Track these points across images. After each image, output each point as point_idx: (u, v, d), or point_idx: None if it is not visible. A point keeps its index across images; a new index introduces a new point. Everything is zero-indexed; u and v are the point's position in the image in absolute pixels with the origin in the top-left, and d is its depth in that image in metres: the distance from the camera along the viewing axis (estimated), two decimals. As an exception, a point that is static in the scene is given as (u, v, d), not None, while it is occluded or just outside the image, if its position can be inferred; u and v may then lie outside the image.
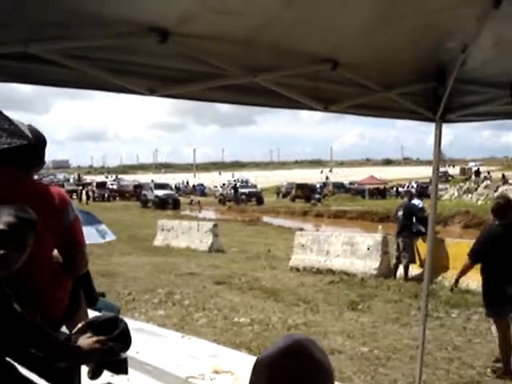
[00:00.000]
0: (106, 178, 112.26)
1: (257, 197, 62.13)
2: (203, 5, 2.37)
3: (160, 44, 2.47)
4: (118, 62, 2.63)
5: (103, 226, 11.20)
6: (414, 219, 13.67)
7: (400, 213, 13.91)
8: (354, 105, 3.53)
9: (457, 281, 7.56)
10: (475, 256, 7.11)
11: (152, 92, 2.71)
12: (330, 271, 14.52)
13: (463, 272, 7.44)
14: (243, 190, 64.49)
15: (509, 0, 2.57)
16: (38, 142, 2.92)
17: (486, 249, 6.95)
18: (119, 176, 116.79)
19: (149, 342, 5.32)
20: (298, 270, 15.32)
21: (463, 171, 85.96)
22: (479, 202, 45.62)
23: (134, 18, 2.42)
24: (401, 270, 13.56)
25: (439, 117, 3.82)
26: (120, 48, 2.61)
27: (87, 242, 3.28)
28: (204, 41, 2.57)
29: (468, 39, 2.99)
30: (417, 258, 13.44)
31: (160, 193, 56.35)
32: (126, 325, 2.63)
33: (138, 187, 76.32)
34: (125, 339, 2.63)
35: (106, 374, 2.83)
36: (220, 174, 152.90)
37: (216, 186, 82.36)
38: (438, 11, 2.66)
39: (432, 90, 3.71)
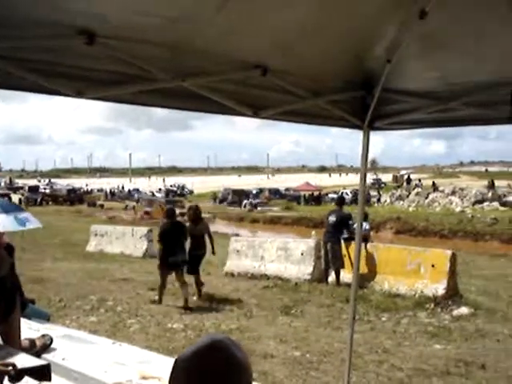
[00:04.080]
0: (39, 181, 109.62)
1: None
2: (130, 8, 2.36)
3: (87, 46, 2.44)
4: (44, 63, 2.58)
5: (25, 214, 10.86)
6: (346, 227, 13.90)
7: (332, 218, 14.12)
8: (284, 111, 3.56)
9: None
10: (160, 242, 11.83)
11: (80, 94, 2.67)
12: (265, 276, 14.60)
13: (160, 251, 11.88)
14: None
15: (434, 12, 2.64)
16: None
17: (162, 237, 11.72)
18: (52, 180, 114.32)
19: (77, 348, 5.22)
20: (232, 275, 15.35)
21: (395, 178, 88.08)
22: (410, 209, 46.84)
23: (61, 19, 2.39)
24: (333, 275, 13.77)
25: (367, 125, 3.91)
26: (47, 49, 2.57)
27: (3, 230, 3.23)
28: (131, 44, 2.55)
29: (393, 49, 3.07)
30: (349, 263, 13.66)
31: None
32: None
33: (72, 192, 74.98)
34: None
35: (34, 383, 2.77)
36: (149, 178, 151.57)
37: (152, 191, 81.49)
38: (363, 20, 2.73)
39: (360, 98, 3.80)
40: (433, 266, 12.03)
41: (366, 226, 14.30)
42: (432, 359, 7.95)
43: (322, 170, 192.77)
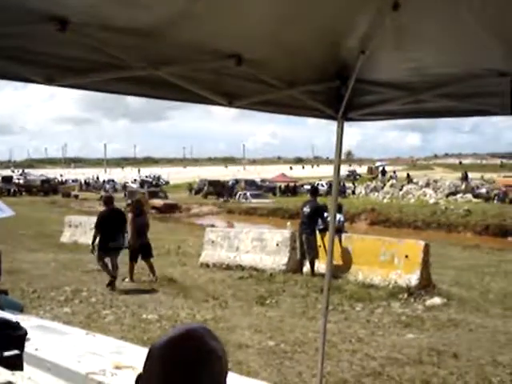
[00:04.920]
0: (13, 172, 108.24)
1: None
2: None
3: (59, 32, 2.41)
4: (14, 49, 2.54)
5: None
6: (320, 217, 13.97)
7: (306, 209, 14.18)
8: (259, 101, 3.56)
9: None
10: (97, 228, 12.79)
11: (50, 81, 2.63)
12: (240, 267, 14.65)
13: (95, 237, 12.85)
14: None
15: (408, 3, 2.65)
16: None
17: (101, 223, 12.67)
18: (26, 170, 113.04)
19: (51, 339, 5.19)
20: (208, 266, 15.37)
21: (370, 170, 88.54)
22: (385, 200, 47.19)
23: (33, 5, 2.35)
24: (308, 266, 13.85)
25: (341, 115, 3.92)
26: (17, 35, 2.53)
27: None
28: (104, 31, 2.52)
29: (368, 40, 3.08)
30: (324, 253, 13.72)
31: None
32: None
33: (46, 182, 74.22)
34: None
35: (6, 373, 2.76)
36: (123, 169, 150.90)
37: (127, 182, 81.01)
38: (338, 10, 2.73)
39: (335, 88, 3.80)
40: (406, 256, 12.15)
41: (340, 217, 14.40)
42: (405, 348, 8.05)
43: (299, 161, 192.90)
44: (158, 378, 1.34)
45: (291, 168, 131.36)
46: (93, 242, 12.81)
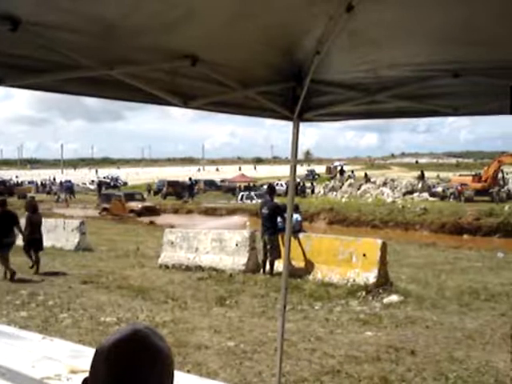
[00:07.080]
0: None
1: None
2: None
3: (11, 32, 2.37)
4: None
5: None
6: (278, 217, 14.00)
7: (265, 210, 14.21)
8: (215, 102, 3.56)
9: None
10: None
11: (1, 82, 2.59)
12: (199, 268, 14.61)
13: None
14: None
15: (361, 6, 2.67)
16: None
17: None
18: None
19: (5, 344, 5.09)
20: (167, 267, 15.29)
21: (329, 170, 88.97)
22: (343, 200, 47.56)
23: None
24: (267, 265, 13.88)
25: (296, 116, 3.95)
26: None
27: None
28: (58, 31, 2.48)
29: (323, 41, 3.10)
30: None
31: None
32: None
33: (1, 184, 73.00)
34: None
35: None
36: (74, 169, 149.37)
37: (85, 183, 79.97)
38: (289, 11, 2.74)
39: (291, 89, 3.83)
40: (364, 255, 12.28)
41: (297, 217, 14.48)
42: (363, 346, 8.14)
43: (258, 161, 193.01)
44: (104, 379, 1.32)
45: (255, 168, 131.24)
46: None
